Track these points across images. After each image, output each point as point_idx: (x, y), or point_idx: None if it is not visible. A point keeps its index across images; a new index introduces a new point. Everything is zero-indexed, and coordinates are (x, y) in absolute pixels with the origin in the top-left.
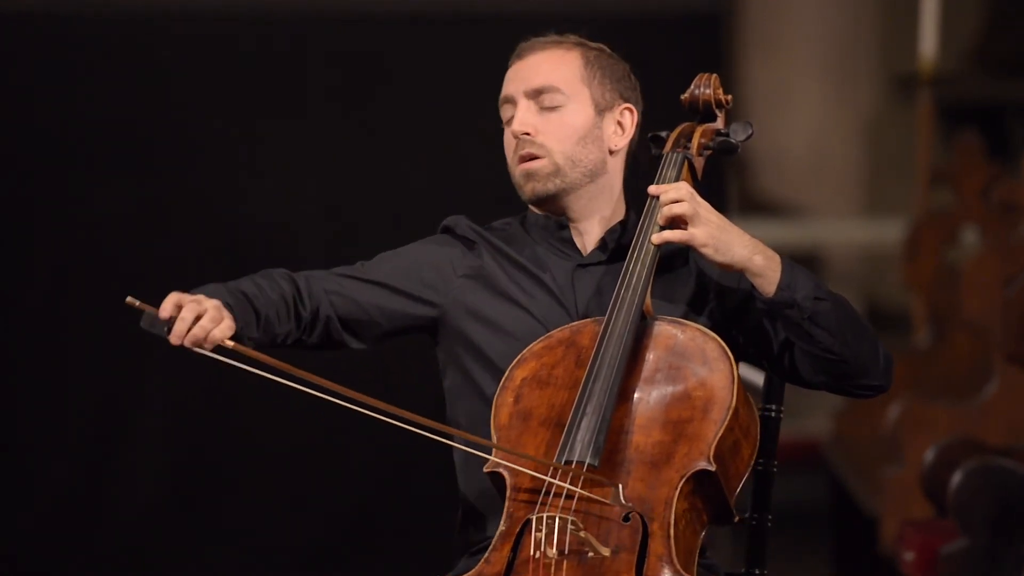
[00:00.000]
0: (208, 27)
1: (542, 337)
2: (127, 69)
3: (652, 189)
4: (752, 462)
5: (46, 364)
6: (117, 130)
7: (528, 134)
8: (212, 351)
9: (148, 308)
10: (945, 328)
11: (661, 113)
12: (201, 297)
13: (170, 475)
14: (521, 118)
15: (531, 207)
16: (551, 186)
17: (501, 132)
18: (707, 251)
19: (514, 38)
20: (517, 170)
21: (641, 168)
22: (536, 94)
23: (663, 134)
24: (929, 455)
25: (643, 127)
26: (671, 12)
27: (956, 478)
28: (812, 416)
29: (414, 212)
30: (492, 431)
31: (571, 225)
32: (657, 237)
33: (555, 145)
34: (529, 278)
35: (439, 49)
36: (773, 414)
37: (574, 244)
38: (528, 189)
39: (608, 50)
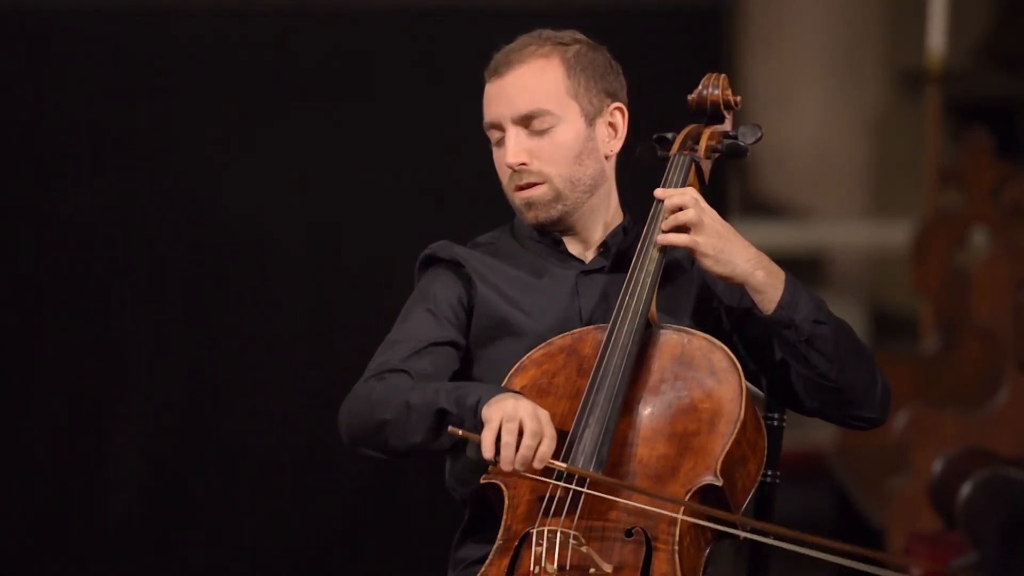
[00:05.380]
0: (189, 23)
1: (542, 344)
2: (105, 65)
3: (658, 192)
4: (759, 477)
5: (20, 368)
6: (96, 128)
7: (524, 163)
8: (543, 473)
9: (472, 437)
10: (954, 334)
11: (659, 111)
12: (515, 412)
13: (148, 484)
14: (514, 149)
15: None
16: (554, 212)
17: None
18: (707, 261)
19: (508, 33)
20: (516, 198)
21: (641, 166)
22: (525, 120)
23: (669, 135)
24: (937, 465)
25: (642, 126)
26: (670, 6)
27: (965, 489)
28: (816, 425)
29: (402, 212)
30: None
31: (571, 234)
32: (662, 238)
33: (552, 170)
34: (529, 291)
35: (428, 45)
36: (776, 423)
37: (573, 255)
38: (531, 217)
39: (583, 39)
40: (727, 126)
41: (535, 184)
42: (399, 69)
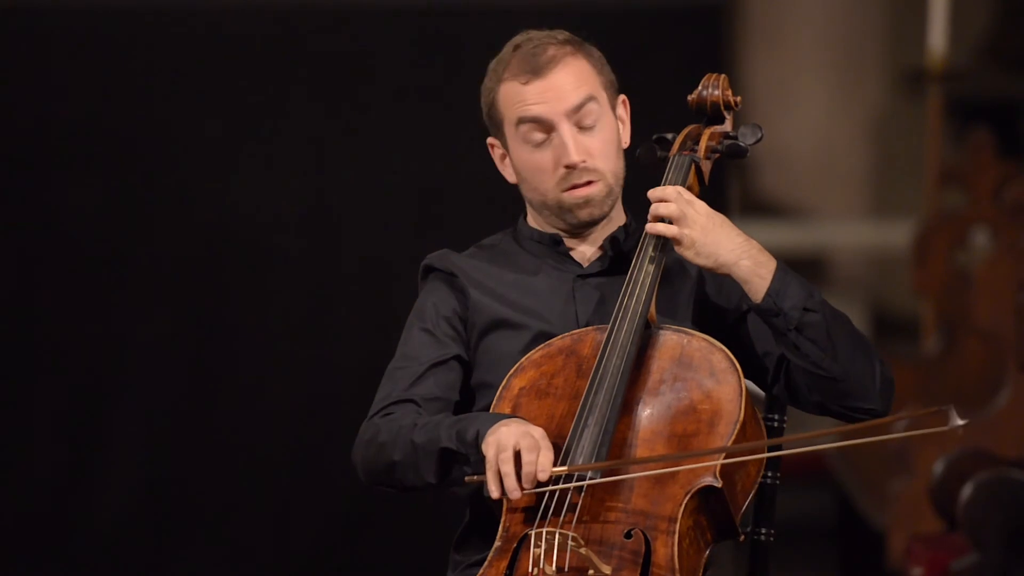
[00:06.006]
0: (188, 20)
1: (541, 345)
2: (105, 65)
3: (651, 193)
4: (759, 478)
5: (19, 367)
6: (93, 127)
7: (584, 161)
8: (552, 483)
9: (483, 479)
10: (955, 335)
11: (659, 110)
12: (505, 440)
13: (147, 484)
14: (576, 147)
15: (527, 221)
16: (606, 207)
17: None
18: (688, 253)
19: (508, 33)
20: (569, 197)
21: (641, 167)
22: (575, 112)
23: (669, 136)
24: (938, 467)
25: (642, 126)
26: (670, 5)
27: (966, 491)
28: (817, 426)
29: (400, 213)
30: None
31: (575, 235)
32: (649, 227)
33: (605, 165)
34: (526, 295)
35: (429, 44)
36: (776, 424)
37: (571, 257)
38: (585, 215)
39: (576, 37)
40: (727, 126)
41: (592, 182)
42: (400, 69)
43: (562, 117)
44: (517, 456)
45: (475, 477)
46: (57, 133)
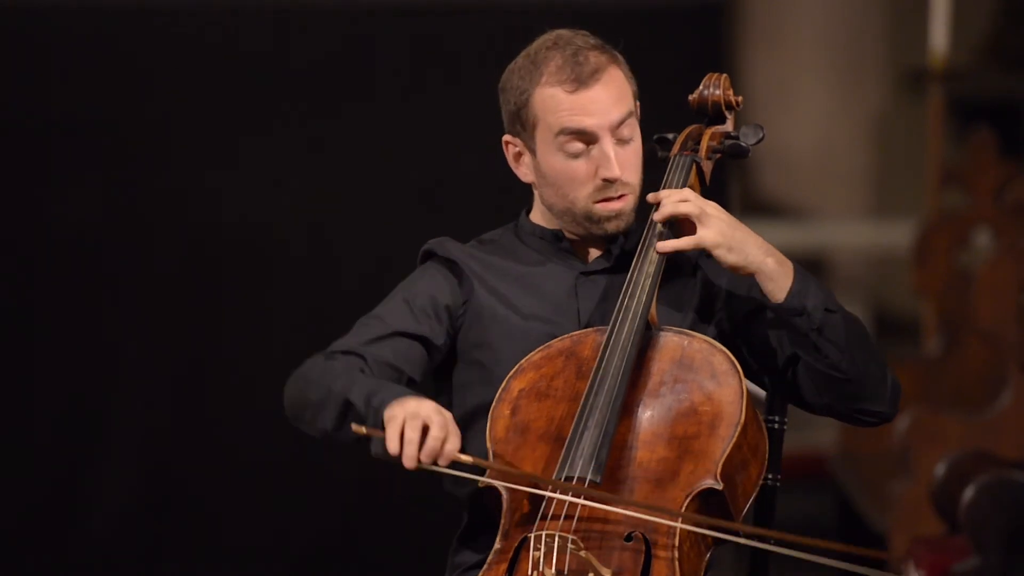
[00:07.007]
0: (186, 20)
1: (541, 347)
2: (99, 64)
3: (651, 197)
4: (760, 481)
5: (15, 368)
6: (93, 128)
7: (622, 175)
8: (448, 467)
9: (377, 433)
10: (957, 335)
11: (659, 110)
12: (417, 410)
13: (144, 486)
14: (618, 161)
15: (531, 217)
16: (632, 218)
17: (499, 132)
18: (720, 251)
19: (507, 32)
20: (601, 208)
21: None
22: (617, 127)
23: (670, 136)
24: (940, 469)
25: (643, 126)
26: (670, 4)
27: (968, 493)
28: (818, 428)
29: (399, 212)
30: (488, 444)
31: (576, 235)
32: (663, 246)
33: (634, 178)
34: (527, 291)
35: (429, 44)
36: (777, 426)
37: (575, 254)
38: (612, 227)
39: (607, 43)
40: (728, 126)
41: (624, 195)
42: (398, 69)
43: (606, 131)
44: (425, 431)
45: (364, 428)
46: (54, 133)
